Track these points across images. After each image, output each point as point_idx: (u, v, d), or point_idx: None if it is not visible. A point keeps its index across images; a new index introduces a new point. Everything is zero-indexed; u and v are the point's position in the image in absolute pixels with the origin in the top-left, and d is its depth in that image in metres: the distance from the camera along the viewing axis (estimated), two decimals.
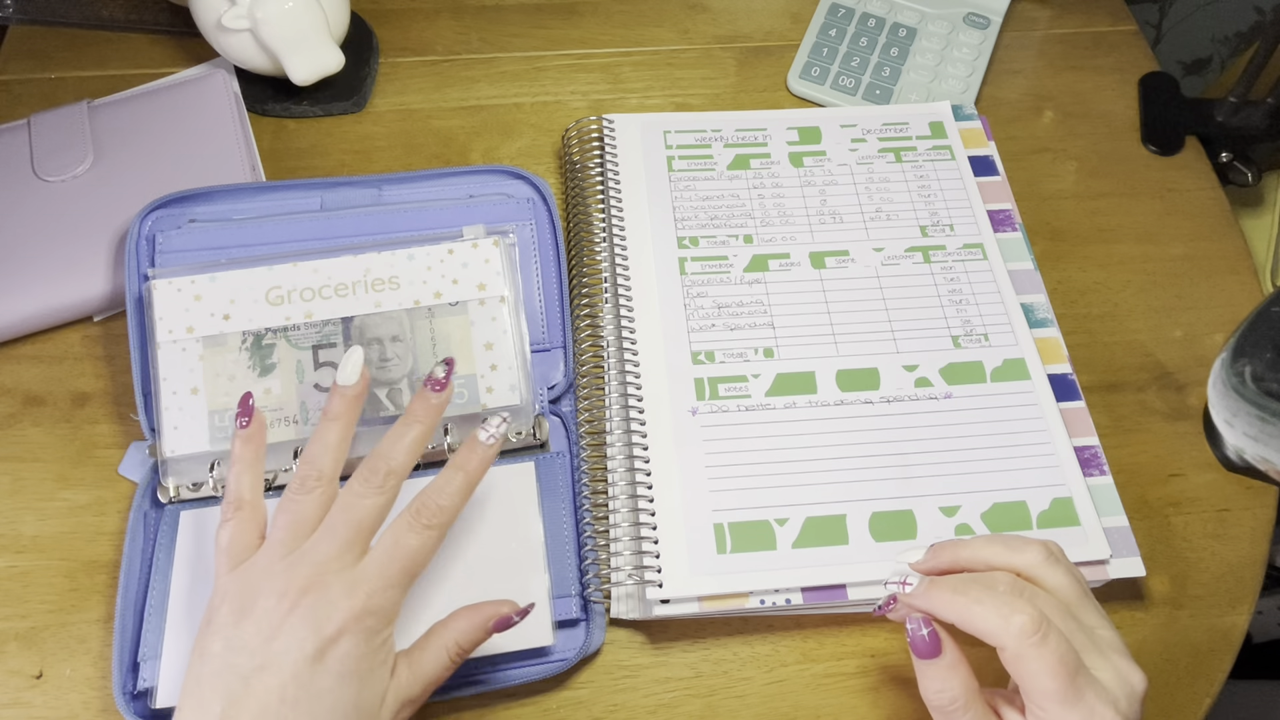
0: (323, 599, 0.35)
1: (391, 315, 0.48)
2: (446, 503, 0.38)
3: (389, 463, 0.39)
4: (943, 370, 0.51)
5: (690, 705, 0.44)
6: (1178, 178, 0.63)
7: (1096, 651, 0.35)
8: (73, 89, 0.62)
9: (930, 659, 0.36)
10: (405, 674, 0.37)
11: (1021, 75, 0.67)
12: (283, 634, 0.35)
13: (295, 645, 0.35)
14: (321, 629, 0.35)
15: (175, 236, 0.51)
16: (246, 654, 0.35)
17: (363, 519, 0.38)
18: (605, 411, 0.50)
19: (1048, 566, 0.37)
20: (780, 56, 0.67)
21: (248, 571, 0.37)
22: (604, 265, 0.54)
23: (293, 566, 0.36)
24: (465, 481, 0.39)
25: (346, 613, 0.35)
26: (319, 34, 0.57)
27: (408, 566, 0.37)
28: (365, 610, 0.36)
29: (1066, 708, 0.33)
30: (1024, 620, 0.33)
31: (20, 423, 0.50)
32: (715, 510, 0.46)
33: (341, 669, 0.35)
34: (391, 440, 0.39)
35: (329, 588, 0.36)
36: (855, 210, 0.57)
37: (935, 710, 0.36)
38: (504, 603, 0.40)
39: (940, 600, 0.36)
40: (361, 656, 0.36)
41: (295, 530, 0.38)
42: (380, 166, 0.60)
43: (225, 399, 0.47)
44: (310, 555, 0.37)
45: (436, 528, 0.38)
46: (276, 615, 0.35)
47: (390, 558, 0.37)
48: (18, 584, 0.46)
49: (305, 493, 0.38)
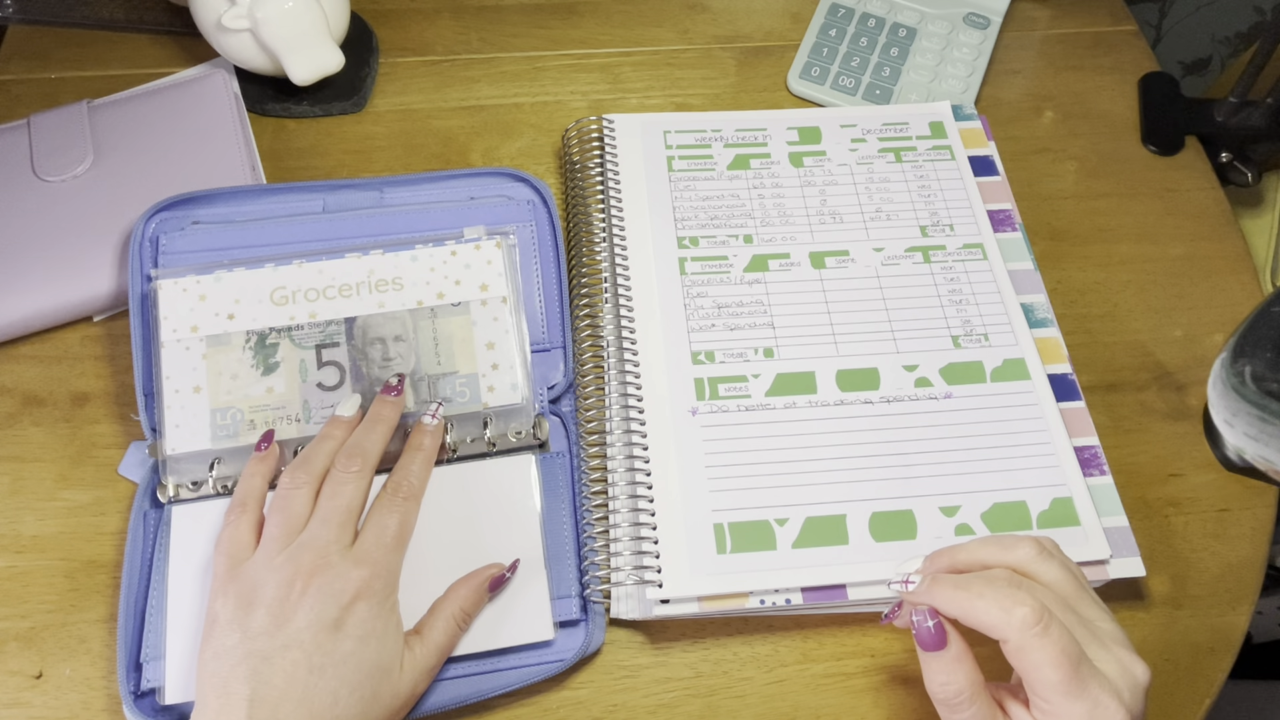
0: (333, 575, 0.39)
1: (394, 315, 0.49)
2: (414, 478, 0.44)
3: (363, 451, 0.43)
4: (943, 370, 0.51)
5: (690, 705, 0.45)
6: (1178, 178, 0.63)
7: (1098, 643, 0.35)
8: (73, 89, 0.62)
9: (935, 651, 0.36)
10: (419, 646, 0.41)
11: (1021, 75, 0.68)
12: (300, 612, 0.38)
13: (315, 618, 0.38)
14: (340, 598, 0.39)
15: (179, 238, 0.51)
16: (265, 638, 0.37)
17: (350, 503, 0.42)
18: (605, 411, 0.50)
19: (1041, 561, 0.37)
20: (780, 56, 0.67)
21: (248, 568, 0.40)
22: (604, 265, 0.54)
23: (295, 555, 0.40)
24: (424, 458, 0.45)
25: (358, 581, 0.39)
26: (319, 34, 0.57)
27: (399, 533, 0.42)
28: (374, 575, 0.40)
29: (1070, 699, 0.33)
30: (1026, 612, 0.34)
31: (20, 423, 0.50)
32: (715, 510, 0.46)
33: (361, 631, 0.38)
34: (363, 433, 0.44)
35: (335, 565, 0.39)
36: (855, 210, 0.57)
37: (940, 704, 0.36)
38: (493, 565, 0.44)
39: (943, 596, 0.36)
40: (376, 617, 0.39)
41: (289, 526, 0.41)
42: (380, 166, 0.60)
43: (228, 397, 0.47)
44: (311, 543, 0.40)
45: (413, 498, 0.44)
46: (290, 600, 0.38)
47: (382, 528, 0.42)
48: (18, 584, 0.46)
49: (296, 488, 0.42)
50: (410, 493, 0.44)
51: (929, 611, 0.36)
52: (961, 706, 0.35)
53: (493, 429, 0.48)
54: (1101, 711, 0.33)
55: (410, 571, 0.43)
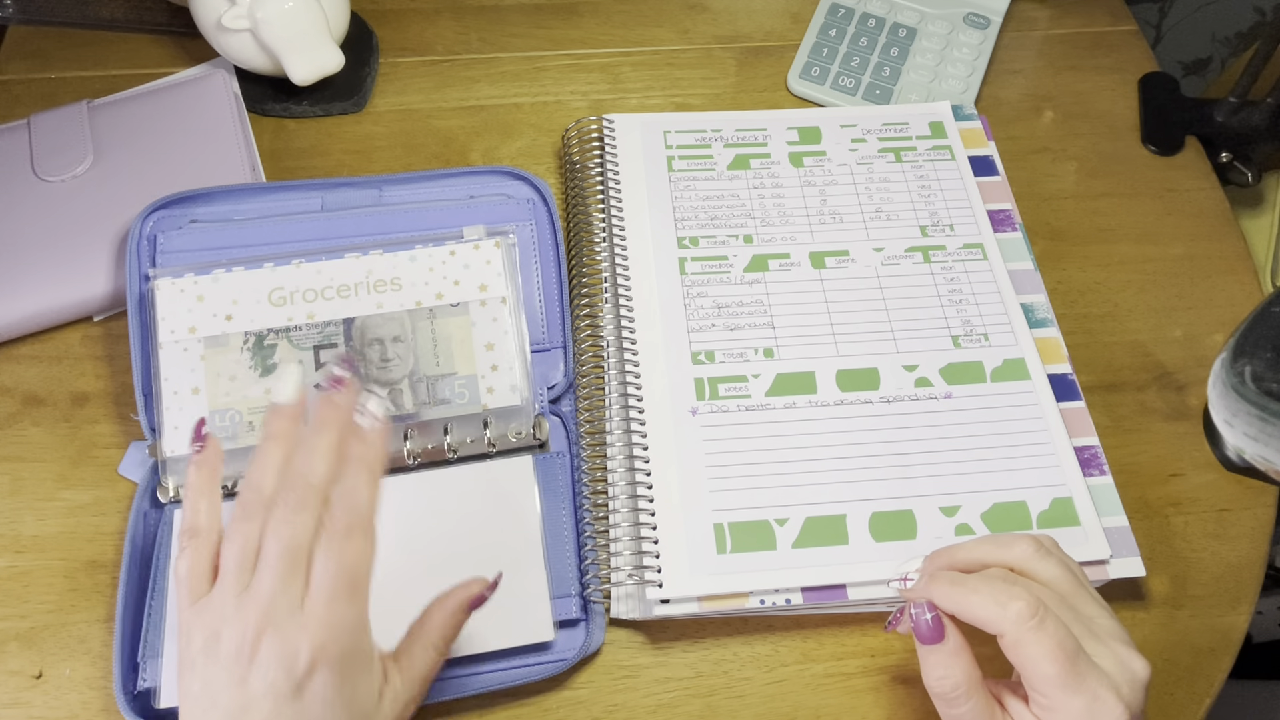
0: (280, 640, 0.34)
1: (393, 316, 0.48)
2: (356, 500, 0.36)
3: (302, 476, 0.36)
4: (943, 370, 0.51)
5: (690, 705, 0.45)
6: (1178, 178, 0.63)
7: (1096, 639, 0.35)
8: (73, 89, 0.62)
9: (933, 644, 0.36)
10: (398, 679, 0.37)
11: (1021, 75, 0.67)
12: (253, 678, 0.34)
13: (269, 687, 0.33)
14: (293, 671, 0.34)
15: (176, 237, 0.51)
16: (226, 694, 0.34)
17: (291, 544, 0.35)
18: (605, 411, 0.50)
19: (1038, 559, 0.37)
20: (780, 56, 0.67)
21: (205, 610, 0.35)
22: (604, 265, 0.54)
23: (243, 608, 0.34)
24: (366, 471, 0.36)
25: (310, 649, 0.34)
26: (319, 34, 0.57)
27: (351, 581, 0.35)
28: (327, 640, 0.34)
29: (1068, 693, 0.33)
30: (1021, 606, 0.34)
31: (20, 423, 0.50)
32: (715, 510, 0.46)
33: (324, 697, 0.34)
34: (305, 454, 0.36)
35: (282, 627, 0.34)
36: (855, 210, 0.57)
37: (937, 699, 0.36)
38: (473, 582, 0.40)
39: (940, 592, 0.36)
40: (341, 682, 0.35)
41: (243, 561, 0.35)
42: (380, 166, 0.60)
43: (226, 399, 0.47)
44: (255, 595, 0.34)
45: (356, 530, 0.35)
46: (242, 660, 0.34)
47: (331, 579, 0.35)
48: (18, 584, 0.46)
49: (249, 520, 0.36)
50: (351, 524, 0.35)
51: (927, 605, 0.36)
52: (958, 701, 0.35)
53: (492, 429, 0.48)
54: (1099, 705, 0.33)
55: (410, 573, 0.43)
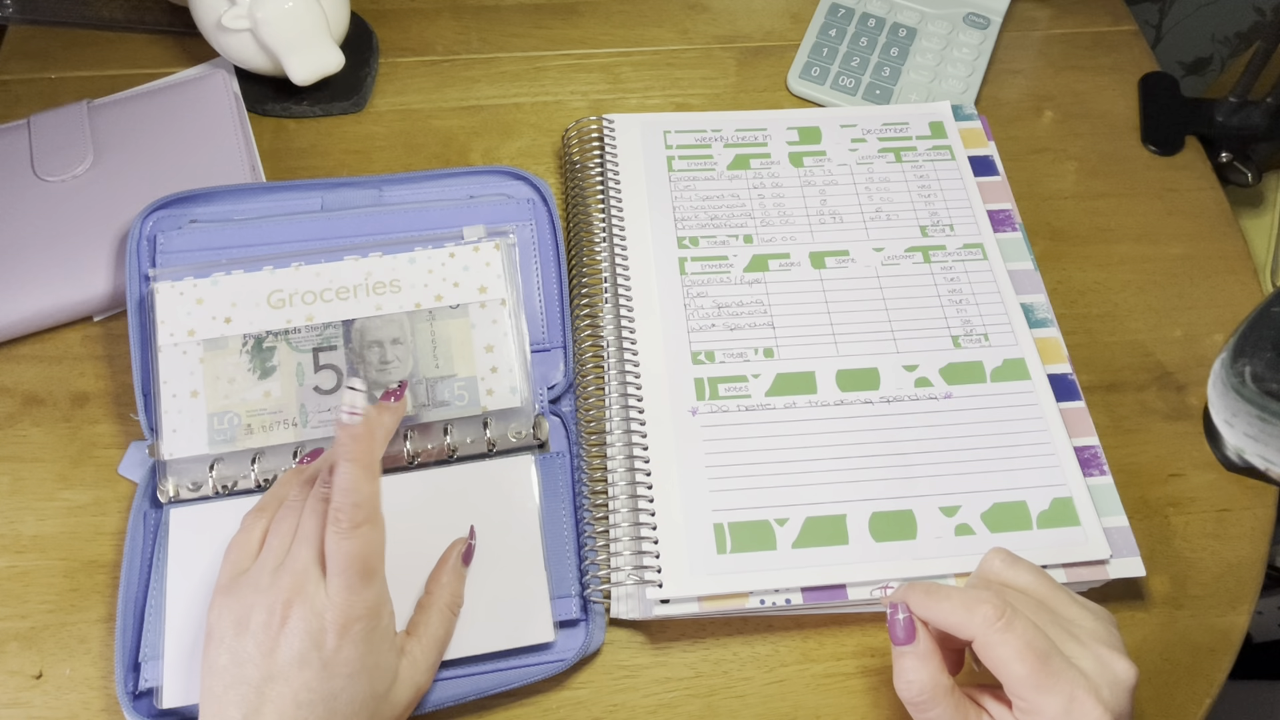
0: (309, 610, 0.37)
1: (392, 318, 0.48)
2: (356, 496, 0.38)
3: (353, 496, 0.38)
4: (943, 370, 0.51)
5: (690, 705, 0.45)
6: (1178, 178, 0.63)
7: (1076, 641, 0.35)
8: (73, 89, 0.62)
9: (904, 645, 0.37)
10: (415, 647, 0.40)
11: (1021, 75, 0.67)
12: (283, 646, 0.36)
13: (297, 656, 0.36)
14: (319, 639, 0.36)
15: (176, 237, 0.51)
16: (252, 666, 0.36)
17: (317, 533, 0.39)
18: (605, 411, 0.50)
19: (1010, 568, 0.38)
20: (780, 56, 0.67)
21: (241, 585, 0.38)
22: (604, 265, 0.54)
23: (279, 578, 0.37)
24: (359, 468, 0.38)
25: (335, 624, 0.37)
26: (319, 34, 0.57)
27: (364, 568, 0.37)
28: (350, 618, 0.37)
29: (1041, 693, 0.33)
30: (988, 609, 0.34)
31: (20, 423, 0.50)
32: (715, 510, 0.46)
33: (349, 669, 0.37)
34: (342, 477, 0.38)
35: (312, 597, 0.37)
36: (855, 210, 0.57)
37: (907, 704, 0.37)
38: (455, 543, 0.44)
39: (914, 600, 0.37)
40: (365, 654, 0.37)
41: (285, 541, 0.39)
42: (380, 166, 0.60)
43: (225, 402, 0.47)
44: (292, 565, 0.38)
45: (364, 523, 0.38)
46: (271, 629, 0.36)
47: (346, 568, 0.37)
48: (18, 584, 0.46)
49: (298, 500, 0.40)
50: (356, 519, 0.37)
51: (904, 605, 0.37)
52: (925, 706, 0.36)
53: (492, 430, 0.48)
54: (1077, 706, 0.33)
55: (410, 575, 0.43)
